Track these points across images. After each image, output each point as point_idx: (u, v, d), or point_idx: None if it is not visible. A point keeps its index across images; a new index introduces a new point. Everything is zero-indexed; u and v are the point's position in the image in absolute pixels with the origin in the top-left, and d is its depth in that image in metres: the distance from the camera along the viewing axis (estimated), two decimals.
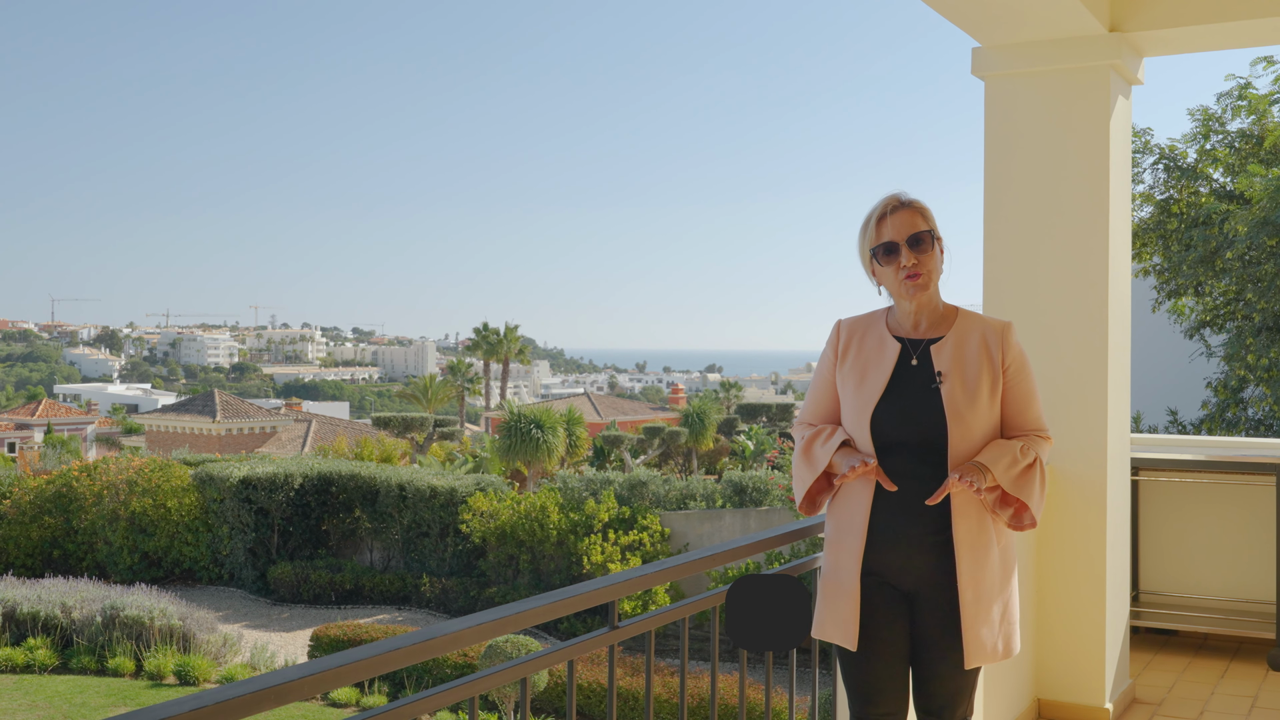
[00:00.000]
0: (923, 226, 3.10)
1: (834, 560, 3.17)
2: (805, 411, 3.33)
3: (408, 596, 22.45)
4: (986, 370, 3.11)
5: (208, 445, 47.02)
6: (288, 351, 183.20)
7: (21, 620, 18.25)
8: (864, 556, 3.11)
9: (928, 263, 3.09)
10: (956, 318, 3.19)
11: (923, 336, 3.16)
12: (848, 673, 3.21)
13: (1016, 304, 5.50)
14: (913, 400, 3.08)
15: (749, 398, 67.34)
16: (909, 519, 3.07)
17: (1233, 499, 6.71)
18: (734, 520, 21.15)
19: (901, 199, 3.15)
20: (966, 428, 3.05)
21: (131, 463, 24.82)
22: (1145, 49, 5.66)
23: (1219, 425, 15.20)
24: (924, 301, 3.14)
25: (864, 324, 3.25)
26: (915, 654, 3.16)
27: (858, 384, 3.15)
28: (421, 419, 42.58)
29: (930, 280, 3.11)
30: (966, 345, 3.13)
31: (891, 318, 3.22)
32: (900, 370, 3.13)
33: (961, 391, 3.07)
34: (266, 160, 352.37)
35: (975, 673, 3.16)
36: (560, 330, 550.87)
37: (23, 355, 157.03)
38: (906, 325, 3.18)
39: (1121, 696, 5.53)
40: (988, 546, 3.08)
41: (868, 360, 3.17)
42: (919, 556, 3.07)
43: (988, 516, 3.09)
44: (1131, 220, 15.50)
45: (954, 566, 3.05)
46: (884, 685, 3.16)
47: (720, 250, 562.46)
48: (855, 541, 3.12)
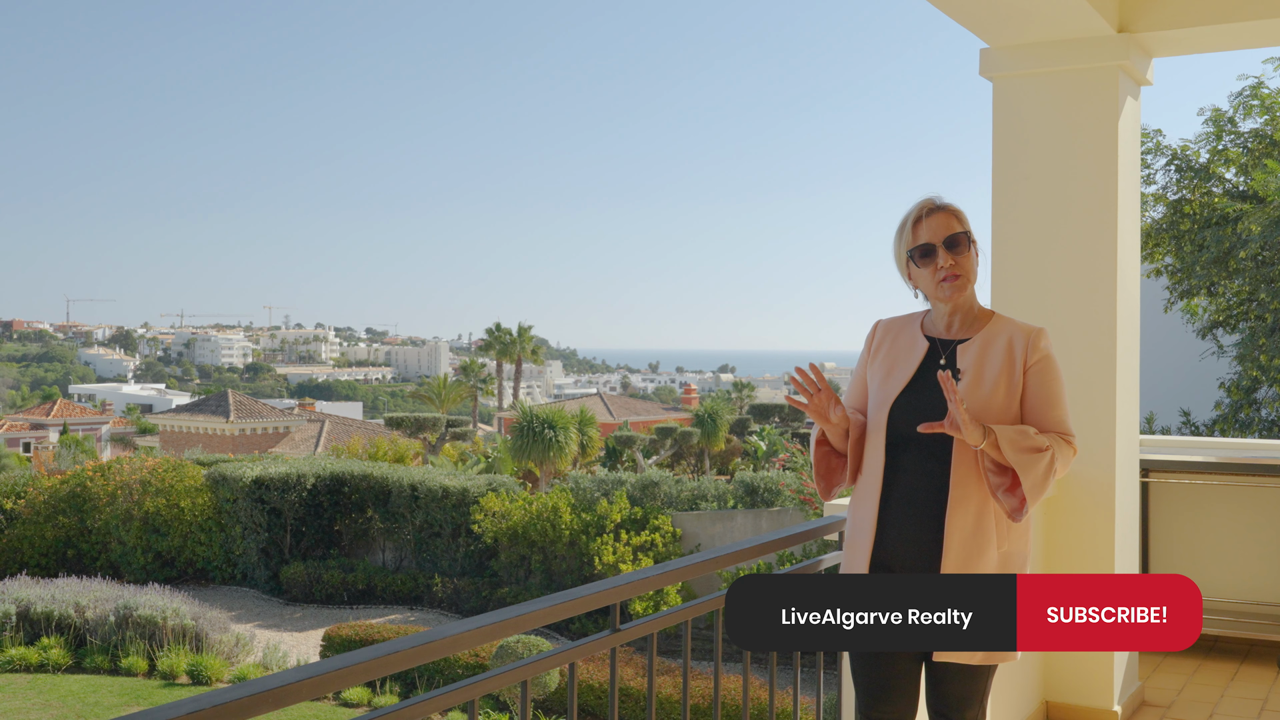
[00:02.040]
0: (958, 229, 3.14)
1: (849, 558, 3.22)
2: None
3: (420, 597, 22.48)
4: (1005, 371, 3.12)
5: (221, 445, 47.19)
6: (301, 352, 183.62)
7: (35, 620, 18.33)
8: (873, 553, 3.14)
9: (965, 264, 3.13)
10: (990, 320, 3.23)
11: (954, 338, 3.20)
12: (858, 670, 3.21)
13: (1025, 305, 5.49)
14: (929, 397, 3.11)
15: (762, 398, 67.25)
16: (915, 515, 3.10)
17: (1244, 501, 6.69)
18: (746, 521, 21.14)
19: (937, 202, 3.18)
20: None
21: (145, 463, 24.90)
22: (1154, 50, 5.64)
23: (1232, 426, 15.15)
24: (960, 303, 3.19)
25: (900, 324, 3.32)
26: (926, 652, 3.16)
27: (884, 378, 3.22)
28: (434, 419, 42.66)
29: (968, 282, 3.16)
30: (993, 346, 3.16)
31: (928, 319, 3.27)
32: (926, 368, 3.18)
33: (976, 391, 3.10)
34: (280, 160, 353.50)
35: (987, 675, 3.15)
36: (573, 330, 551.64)
37: (38, 355, 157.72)
38: (940, 326, 3.23)
39: (1130, 699, 5.52)
40: (984, 546, 3.06)
41: (897, 357, 3.23)
42: (924, 551, 3.09)
43: (988, 515, 3.06)
44: (1143, 221, 15.51)
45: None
46: (894, 684, 3.15)
47: (733, 250, 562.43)
48: (865, 539, 3.16)
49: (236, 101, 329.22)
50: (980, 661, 3.08)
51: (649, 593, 18.79)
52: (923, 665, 3.18)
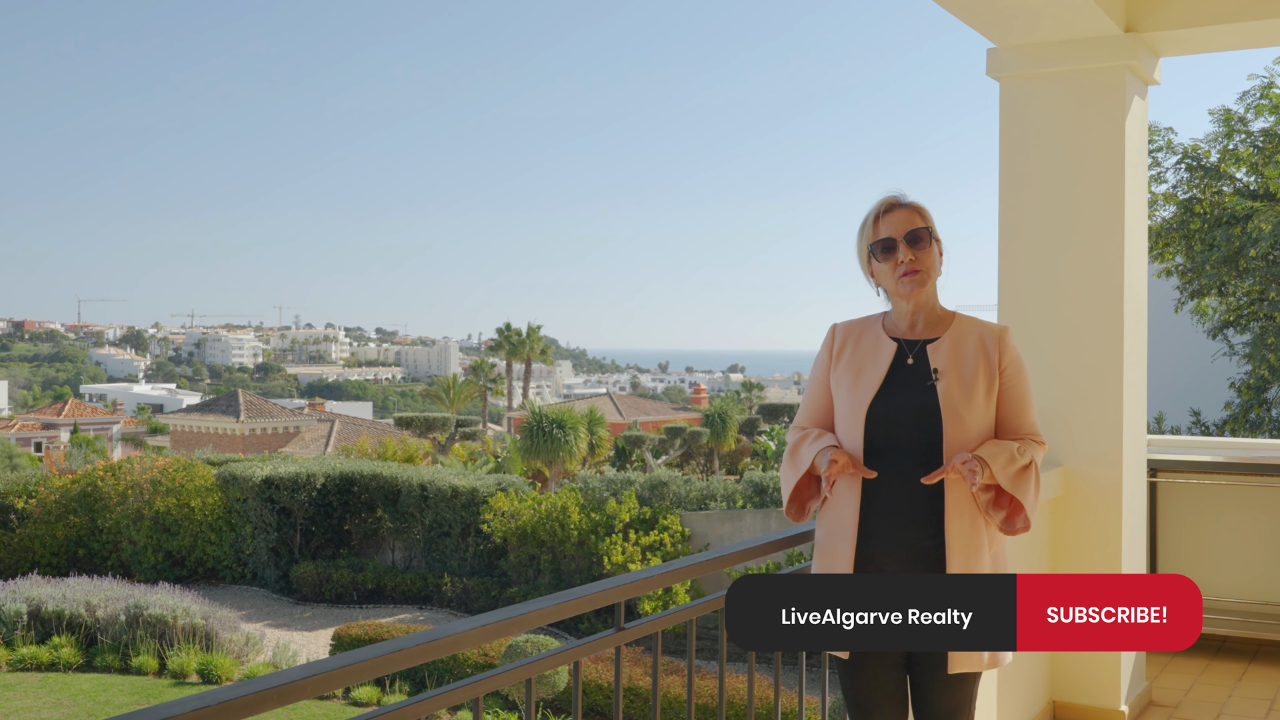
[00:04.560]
0: (920, 224, 3.09)
1: (825, 567, 3.12)
2: (799, 417, 3.30)
3: (429, 596, 22.52)
4: (983, 370, 3.08)
5: (231, 445, 47.31)
6: (311, 352, 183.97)
7: (46, 619, 18.40)
8: (855, 562, 3.06)
9: (925, 259, 3.08)
10: (954, 320, 3.17)
11: (919, 337, 3.14)
12: (845, 683, 3.17)
13: (1032, 305, 5.49)
14: (908, 399, 3.05)
15: (771, 398, 67.30)
16: (901, 522, 3.03)
17: (1252, 501, 6.67)
18: (754, 521, 21.14)
19: (900, 199, 3.14)
20: (963, 426, 3.02)
21: (156, 462, 24.98)
22: (1161, 49, 5.63)
23: (1242, 426, 15.11)
24: (921, 302, 3.12)
25: (860, 326, 3.23)
26: (910, 662, 3.11)
27: (852, 383, 3.13)
28: (444, 419, 42.69)
29: (928, 277, 3.10)
30: (964, 345, 3.11)
31: (888, 320, 3.20)
32: (896, 369, 3.10)
33: (959, 389, 3.04)
34: (290, 160, 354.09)
35: (972, 684, 3.09)
36: (583, 330, 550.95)
37: (50, 355, 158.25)
38: (903, 326, 3.16)
39: (1138, 699, 5.51)
40: (980, 551, 3.04)
41: (863, 360, 3.14)
42: (911, 559, 3.03)
43: (980, 519, 3.04)
44: (1153, 220, 15.49)
45: (944, 570, 3.00)
46: (880, 696, 3.12)
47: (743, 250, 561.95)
48: (846, 547, 3.08)
49: (247, 102, 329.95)
50: (967, 668, 3.03)
51: (657, 592, 18.80)
52: (905, 674, 3.13)
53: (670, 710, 14.61)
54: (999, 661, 3.08)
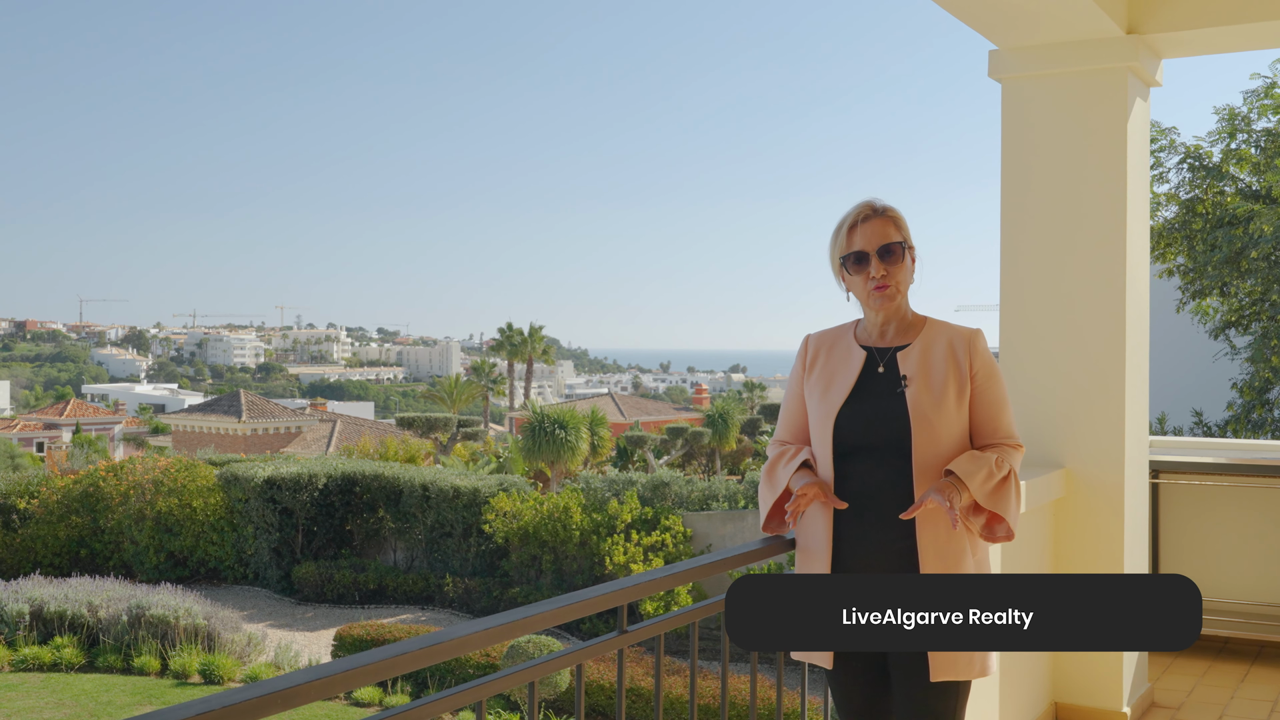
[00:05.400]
0: (895, 237, 3.07)
1: (802, 569, 3.14)
2: (778, 429, 3.31)
3: (431, 596, 22.52)
4: (953, 376, 3.07)
5: (233, 445, 47.32)
6: (313, 352, 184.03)
7: (49, 619, 18.40)
8: (831, 569, 3.06)
9: (897, 274, 3.07)
10: (925, 326, 3.16)
11: (890, 344, 3.14)
12: (833, 691, 3.18)
13: (1034, 306, 5.49)
14: (877, 405, 3.05)
15: (773, 398, 67.19)
16: (873, 526, 3.03)
17: (1254, 502, 6.67)
18: (757, 521, 21.10)
19: (875, 206, 3.11)
20: (932, 432, 3.01)
21: (158, 462, 24.99)
22: (1163, 51, 5.64)
23: (1245, 427, 15.10)
24: (892, 311, 3.12)
25: (832, 336, 3.24)
26: (891, 670, 3.09)
27: (823, 392, 3.13)
28: (445, 419, 42.71)
29: (899, 292, 3.09)
30: (933, 351, 3.10)
31: (860, 329, 3.21)
32: (866, 377, 3.11)
33: (927, 395, 3.03)
34: (291, 160, 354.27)
35: (956, 693, 3.03)
36: (584, 330, 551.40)
37: (51, 355, 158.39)
38: (874, 334, 3.16)
39: (1140, 700, 5.51)
40: (960, 555, 3.03)
41: (834, 369, 3.15)
42: (885, 564, 3.02)
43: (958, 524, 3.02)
44: (1155, 220, 15.47)
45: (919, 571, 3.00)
46: (866, 706, 3.13)
47: (745, 250, 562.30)
48: (821, 555, 3.08)
49: (249, 102, 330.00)
50: (948, 678, 2.99)
51: (660, 593, 18.79)
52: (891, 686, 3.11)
53: (672, 711, 14.62)
54: (985, 672, 3.04)
